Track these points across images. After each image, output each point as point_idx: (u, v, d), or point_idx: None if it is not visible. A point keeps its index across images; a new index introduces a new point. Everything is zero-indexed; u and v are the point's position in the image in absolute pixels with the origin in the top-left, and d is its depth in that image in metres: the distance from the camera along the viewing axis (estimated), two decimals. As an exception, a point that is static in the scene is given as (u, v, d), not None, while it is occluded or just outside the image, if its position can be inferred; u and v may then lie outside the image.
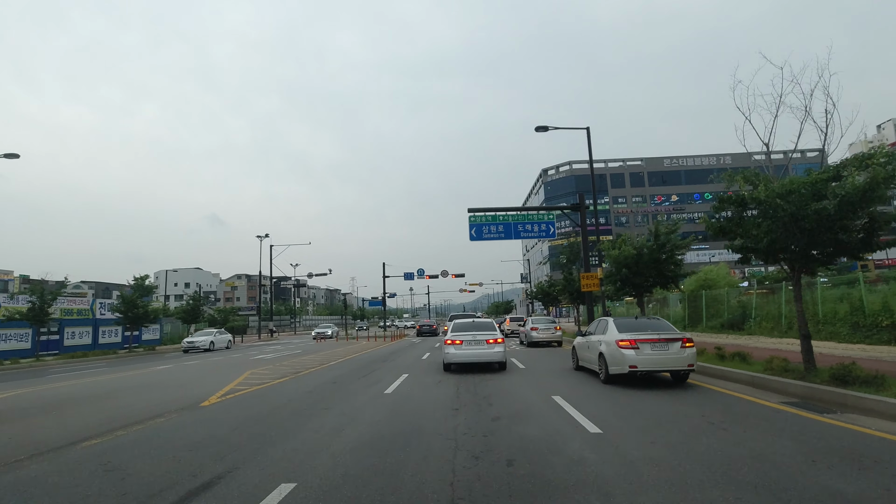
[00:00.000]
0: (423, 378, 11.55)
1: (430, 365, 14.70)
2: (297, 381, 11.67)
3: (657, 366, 9.22)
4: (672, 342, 9.19)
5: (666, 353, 9.15)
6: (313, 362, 17.17)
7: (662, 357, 9.15)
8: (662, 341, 9.19)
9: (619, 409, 7.09)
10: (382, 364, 15.60)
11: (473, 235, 23.36)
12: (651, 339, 9.20)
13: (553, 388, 9.26)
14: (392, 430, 6.16)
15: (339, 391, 9.75)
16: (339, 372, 13.59)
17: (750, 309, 19.36)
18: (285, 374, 13.52)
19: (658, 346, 9.17)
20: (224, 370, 15.52)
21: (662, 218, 15.07)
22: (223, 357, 22.78)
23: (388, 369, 13.83)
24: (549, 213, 23.84)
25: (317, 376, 12.72)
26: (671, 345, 9.16)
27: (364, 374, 12.92)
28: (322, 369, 14.59)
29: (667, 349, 9.15)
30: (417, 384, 10.49)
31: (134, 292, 31.49)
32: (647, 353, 9.13)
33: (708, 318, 22.71)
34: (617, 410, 7.02)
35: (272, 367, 16.03)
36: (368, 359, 18.07)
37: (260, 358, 20.61)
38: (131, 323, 31.43)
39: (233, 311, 77.80)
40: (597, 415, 6.65)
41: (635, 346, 9.16)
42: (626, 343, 9.22)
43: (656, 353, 9.15)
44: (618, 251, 15.59)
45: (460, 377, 11.39)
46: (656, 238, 14.96)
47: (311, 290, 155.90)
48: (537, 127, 21.06)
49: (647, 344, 9.17)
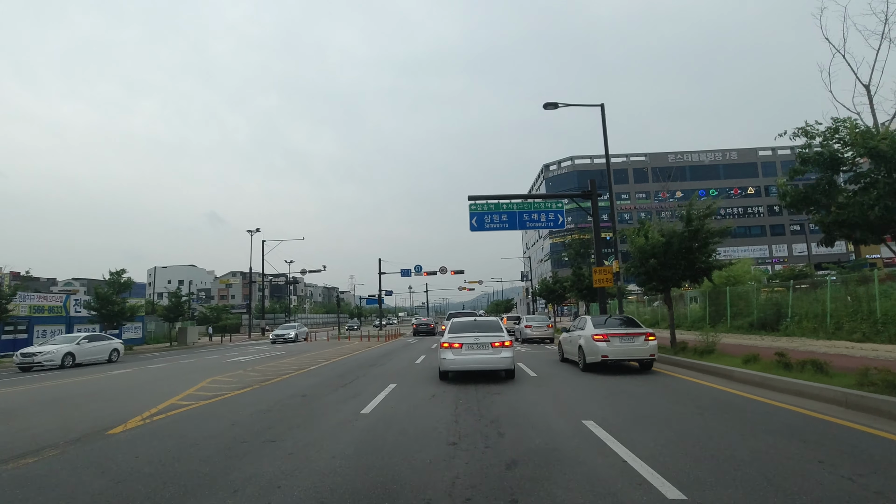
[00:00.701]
0: (413, 389, 9.41)
1: (424, 371, 12.56)
2: (260, 393, 9.52)
3: (625, 355, 11.01)
4: (637, 336, 11.01)
5: (632, 345, 10.95)
6: (291, 367, 15.03)
7: (629, 348, 10.94)
8: (629, 335, 11.04)
9: (694, 448, 4.92)
10: (369, 369, 13.46)
11: (474, 225, 21.21)
12: (619, 334, 11.07)
13: (580, 408, 7.12)
14: (355, 484, 4.02)
15: (305, 409, 7.61)
16: (316, 380, 11.44)
17: (785, 307, 17.23)
18: (252, 382, 11.37)
19: (625, 339, 10.99)
20: (184, 376, 13.36)
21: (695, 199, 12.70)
22: (196, 359, 20.62)
23: (375, 376, 11.69)
24: (558, 202, 21.70)
25: (287, 386, 10.57)
26: (636, 338, 10.99)
27: (344, 382, 10.77)
28: (298, 375, 12.46)
29: (633, 342, 10.97)
30: (405, 399, 8.35)
31: (109, 288, 29.35)
32: (616, 345, 10.90)
33: (732, 316, 20.58)
34: (691, 450, 4.86)
35: (242, 372, 13.88)
36: (356, 362, 15.93)
37: (235, 360, 18.46)
38: (106, 321, 29.29)
39: (225, 309, 75.76)
40: (664, 459, 4.50)
41: (607, 340, 10.95)
42: (600, 337, 11.03)
43: (624, 345, 10.94)
44: (644, 239, 13.45)
45: (460, 389, 9.26)
46: (688, 223, 12.82)
47: (309, 287, 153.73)
48: (546, 104, 18.90)
49: (616, 337, 10.97)
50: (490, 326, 11.02)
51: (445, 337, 10.53)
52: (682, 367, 11.42)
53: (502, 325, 11.21)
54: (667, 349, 13.55)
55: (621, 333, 11.11)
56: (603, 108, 18.69)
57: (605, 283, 20.30)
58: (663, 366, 11.98)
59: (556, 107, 18.92)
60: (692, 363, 11.12)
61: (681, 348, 12.86)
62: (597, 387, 9.14)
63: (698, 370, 10.65)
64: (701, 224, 12.68)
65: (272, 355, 20.71)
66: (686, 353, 12.30)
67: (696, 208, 12.72)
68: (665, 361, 12.40)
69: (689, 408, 6.92)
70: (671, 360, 12.20)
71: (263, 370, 14.22)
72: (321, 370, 13.65)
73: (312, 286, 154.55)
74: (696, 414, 6.52)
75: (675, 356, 12.33)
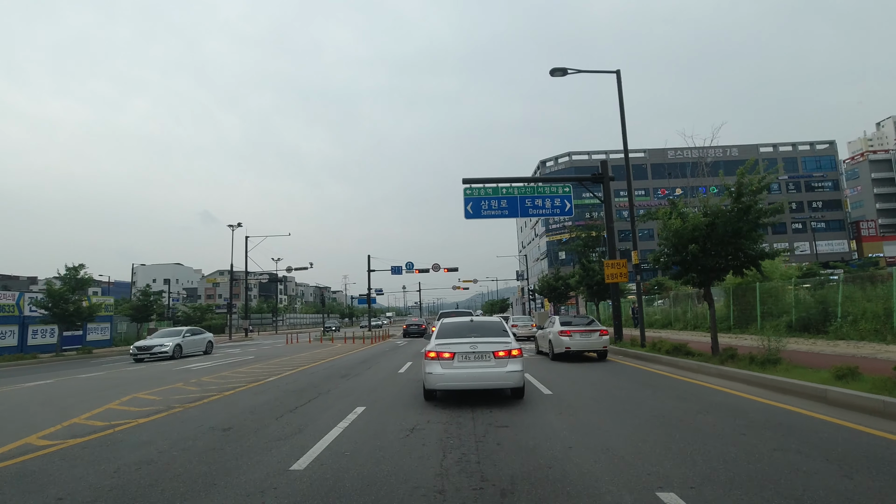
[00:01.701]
0: (385, 417, 6.75)
1: (406, 385, 9.90)
2: (169, 425, 6.81)
3: (584, 347, 13.71)
4: (593, 332, 13.80)
5: (589, 339, 13.69)
6: (245, 378, 12.30)
7: (587, 341, 13.70)
8: (587, 331, 13.82)
9: None
10: (339, 382, 10.78)
11: (469, 212, 18.58)
12: (580, 330, 13.86)
13: (639, 462, 4.49)
14: None
15: (209, 459, 4.93)
16: (263, 399, 8.74)
17: (833, 305, 14.72)
18: (177, 402, 8.65)
19: (584, 334, 13.75)
20: (98, 393, 10.52)
21: (747, 167, 9.98)
22: (144, 367, 17.83)
23: (342, 394, 9.01)
24: (564, 186, 19.08)
25: (219, 409, 7.87)
26: (592, 334, 13.76)
27: (298, 403, 8.08)
28: (245, 391, 9.75)
29: (590, 336, 13.72)
30: (370, 437, 5.69)
31: (63, 285, 26.39)
32: (577, 339, 13.65)
33: (764, 316, 18.08)
34: None
35: (180, 385, 11.14)
36: (327, 371, 13.24)
37: (187, 368, 15.68)
38: (60, 321, 26.35)
39: (210, 309, 72.46)
40: None
41: (570, 335, 13.69)
42: (565, 332, 13.79)
43: (583, 339, 13.68)
44: (680, 221, 10.87)
45: (451, 417, 6.63)
46: (737, 199, 10.24)
47: (300, 287, 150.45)
48: (553, 69, 16.30)
49: (577, 333, 13.75)
50: (491, 329, 8.37)
51: (432, 343, 7.86)
52: (738, 380, 8.81)
53: (507, 328, 8.54)
54: (707, 357, 10.98)
55: (581, 330, 13.98)
56: (619, 75, 16.11)
57: (619, 278, 17.77)
58: (712, 379, 9.38)
59: (565, 73, 16.32)
60: (753, 378, 8.52)
61: (727, 356, 10.27)
62: (660, 416, 6.52)
63: (767, 387, 8.05)
64: (753, 200, 10.13)
65: (234, 361, 17.95)
66: (737, 363, 9.71)
67: (750, 177, 10.12)
68: (709, 373, 9.81)
69: (823, 465, 4.31)
70: (719, 371, 9.59)
71: (209, 382, 11.48)
72: (279, 383, 10.94)
73: (304, 286, 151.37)
74: (843, 477, 3.91)
75: (721, 366, 9.74)
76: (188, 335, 23.15)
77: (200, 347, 23.62)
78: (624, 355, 14.75)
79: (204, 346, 23.96)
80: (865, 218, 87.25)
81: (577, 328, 13.93)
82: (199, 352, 23.34)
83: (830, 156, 79.82)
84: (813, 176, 78.58)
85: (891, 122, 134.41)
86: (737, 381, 8.89)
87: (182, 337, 22.57)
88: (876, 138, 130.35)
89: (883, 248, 77.62)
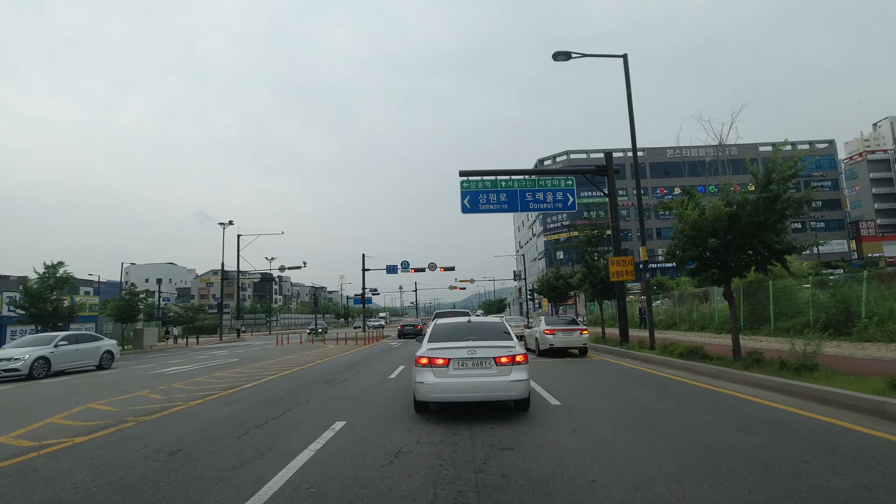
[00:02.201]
0: (368, 435, 5.70)
1: (395, 395, 8.85)
2: (117, 443, 5.75)
3: (566, 344, 15.36)
4: (574, 331, 15.51)
5: (571, 337, 15.37)
6: (220, 384, 11.23)
7: (569, 339, 15.35)
8: (569, 330, 15.53)
9: None
10: (322, 389, 9.72)
11: (466, 206, 17.57)
12: (562, 329, 15.60)
13: (685, 500, 3.46)
14: None
15: (148, 494, 3.88)
16: (231, 410, 7.67)
17: (856, 305, 13.76)
18: (140, 413, 7.58)
19: (566, 333, 15.43)
20: (61, 400, 9.47)
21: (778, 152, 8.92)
22: (117, 371, 16.72)
23: (321, 404, 7.96)
24: (567, 179, 18.08)
25: (175, 426, 6.79)
26: (573, 332, 15.46)
27: (268, 417, 7.02)
28: (215, 400, 8.68)
29: (571, 335, 15.40)
30: (346, 462, 4.64)
31: (41, 284, 25.21)
32: (560, 337, 15.32)
33: (777, 317, 17.13)
34: None
35: (146, 393, 10.05)
36: (311, 376, 12.18)
37: (161, 373, 14.58)
38: (38, 322, 25.20)
39: (202, 309, 71.09)
40: None
41: (553, 333, 15.37)
42: (549, 331, 15.47)
43: (565, 337, 15.34)
44: (698, 212, 9.87)
45: (445, 435, 5.59)
46: (765, 187, 9.25)
47: (296, 287, 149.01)
48: (556, 53, 15.30)
49: (560, 332, 15.43)
50: (491, 331, 7.33)
51: (424, 348, 6.81)
52: (769, 389, 7.81)
53: (510, 330, 7.50)
54: (727, 361, 9.99)
55: (563, 329, 15.57)
56: (626, 60, 15.13)
57: (625, 276, 16.78)
58: (737, 386, 8.38)
59: (569, 57, 15.31)
60: (788, 386, 7.52)
61: (752, 361, 9.27)
62: (695, 436, 5.50)
63: (806, 397, 7.04)
64: (783, 188, 9.14)
65: (215, 365, 16.85)
66: (764, 369, 8.71)
67: (779, 165, 9.11)
68: (733, 380, 8.80)
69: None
70: (745, 377, 8.58)
71: (178, 390, 10.40)
72: (255, 391, 9.87)
73: (299, 286, 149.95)
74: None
75: (747, 372, 8.74)
76: (64, 344, 16.07)
77: (90, 360, 17.04)
78: (632, 358, 13.75)
79: (97, 358, 17.29)
80: (864, 218, 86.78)
81: (560, 327, 15.70)
82: (89, 366, 16.93)
83: (830, 155, 79.22)
84: (812, 175, 77.97)
85: (887, 122, 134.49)
86: (767, 390, 7.88)
87: (54, 346, 15.68)
88: (873, 139, 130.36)
89: (882, 248, 77.10)
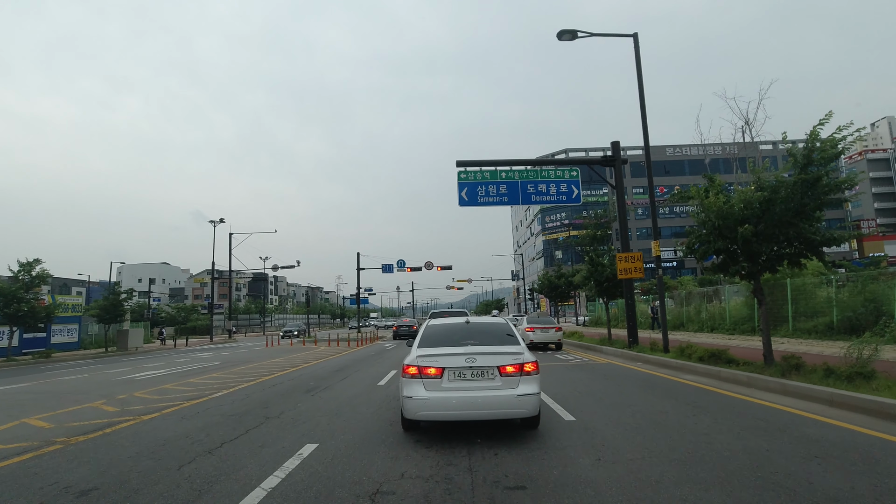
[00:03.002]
0: (338, 468, 4.51)
1: (381, 408, 7.68)
2: (24, 476, 4.55)
3: (543, 340, 17.90)
4: (550, 328, 18.24)
5: (547, 334, 17.96)
6: (191, 392, 10.02)
7: (546, 335, 17.90)
8: (546, 328, 18.22)
9: None
10: (297, 401, 8.54)
11: (464, 199, 16.42)
12: (541, 327, 18.33)
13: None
14: None
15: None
16: (185, 428, 6.48)
17: (887, 304, 12.67)
18: (78, 431, 6.38)
19: (543, 330, 18.06)
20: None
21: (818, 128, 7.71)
22: (86, 375, 15.48)
23: (292, 420, 6.77)
24: (572, 169, 16.95)
25: (108, 449, 5.59)
26: (549, 330, 18.12)
27: (225, 438, 5.84)
28: (172, 413, 7.49)
29: (548, 332, 18.02)
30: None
31: (16, 283, 23.90)
32: (538, 334, 17.91)
33: (795, 317, 16.04)
34: None
35: (99, 405, 8.84)
36: (290, 384, 10.98)
37: (130, 378, 13.34)
38: (13, 322, 23.90)
39: (195, 309, 69.65)
40: None
41: (533, 331, 17.99)
42: (530, 329, 18.13)
43: (543, 334, 17.92)
44: (724, 198, 8.74)
45: (437, 466, 4.42)
46: (804, 168, 8.13)
47: (292, 287, 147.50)
48: (560, 31, 14.16)
49: (538, 329, 18.12)
50: (494, 334, 6.15)
51: (413, 354, 5.61)
52: (817, 400, 6.66)
53: (515, 332, 6.32)
54: (758, 367, 8.85)
55: (542, 327, 18.30)
56: (636, 39, 14.01)
57: (634, 273, 15.69)
58: (776, 397, 7.22)
59: (574, 36, 14.17)
60: (842, 398, 6.37)
61: (790, 367, 8.14)
62: (755, 468, 4.35)
63: (867, 412, 5.88)
64: (825, 169, 8.02)
65: (192, 369, 15.61)
66: (808, 377, 7.57)
67: (821, 142, 7.98)
68: (769, 389, 7.66)
69: None
70: (783, 387, 7.43)
71: (139, 399, 9.19)
72: (222, 401, 8.67)
73: (296, 286, 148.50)
74: None
75: (785, 380, 7.60)
76: None
77: None
78: (644, 362, 12.62)
79: None
80: (864, 217, 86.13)
81: (539, 325, 18.51)
82: None
83: (832, 153, 78.41)
84: (814, 174, 77.24)
85: (885, 122, 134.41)
86: (813, 401, 6.75)
87: None
88: (871, 138, 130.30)
89: (884, 247, 76.38)
